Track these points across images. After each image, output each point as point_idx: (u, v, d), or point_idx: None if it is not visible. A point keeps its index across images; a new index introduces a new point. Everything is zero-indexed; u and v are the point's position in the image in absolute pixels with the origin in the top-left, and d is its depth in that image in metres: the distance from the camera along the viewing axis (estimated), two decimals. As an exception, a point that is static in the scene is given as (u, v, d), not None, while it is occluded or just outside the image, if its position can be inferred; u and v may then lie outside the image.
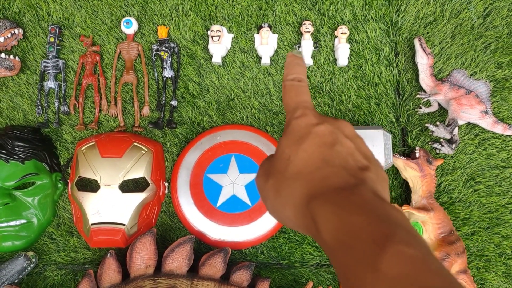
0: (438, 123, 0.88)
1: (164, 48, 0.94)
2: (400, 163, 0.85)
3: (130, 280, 0.78)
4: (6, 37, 0.91)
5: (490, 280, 0.87)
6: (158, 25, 0.97)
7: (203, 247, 0.88)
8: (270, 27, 0.94)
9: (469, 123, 0.92)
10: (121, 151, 0.83)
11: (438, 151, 0.90)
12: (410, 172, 0.85)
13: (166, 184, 0.89)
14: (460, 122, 0.90)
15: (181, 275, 0.77)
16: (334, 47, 0.96)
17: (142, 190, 0.84)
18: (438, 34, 0.97)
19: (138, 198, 0.83)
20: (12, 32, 0.92)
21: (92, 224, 0.81)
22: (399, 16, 0.98)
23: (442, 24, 0.97)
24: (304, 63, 0.35)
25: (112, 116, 0.93)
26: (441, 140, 0.89)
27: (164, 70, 0.93)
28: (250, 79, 0.95)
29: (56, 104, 0.93)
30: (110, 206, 0.81)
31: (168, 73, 0.93)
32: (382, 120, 0.93)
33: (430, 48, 0.95)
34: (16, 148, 0.83)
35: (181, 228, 0.89)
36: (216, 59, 0.92)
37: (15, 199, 0.83)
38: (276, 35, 0.95)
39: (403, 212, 0.26)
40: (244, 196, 0.85)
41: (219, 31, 0.92)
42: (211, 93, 0.94)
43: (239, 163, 0.87)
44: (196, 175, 0.87)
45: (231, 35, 0.95)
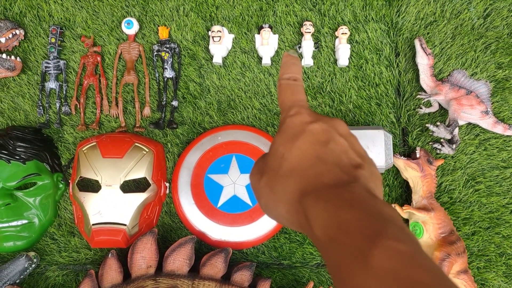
0: (438, 123, 0.88)
1: (165, 49, 0.94)
2: (401, 163, 0.86)
3: (131, 280, 0.78)
4: (7, 37, 0.91)
5: (490, 280, 0.87)
6: (159, 25, 0.97)
7: (204, 247, 0.88)
8: (270, 27, 0.94)
9: (469, 124, 0.92)
10: (122, 152, 0.83)
11: (438, 151, 0.90)
12: (411, 172, 0.85)
13: (167, 184, 0.89)
14: (460, 123, 0.90)
15: (182, 275, 0.78)
16: (334, 47, 0.96)
17: (143, 190, 0.84)
18: (439, 34, 0.97)
19: (139, 198, 0.83)
20: (13, 32, 0.92)
21: (93, 224, 0.81)
22: (399, 16, 0.98)
23: (442, 25, 0.97)
24: (300, 63, 0.35)
25: (113, 116, 0.93)
26: (441, 140, 0.89)
27: (165, 70, 0.94)
28: (251, 80, 0.95)
29: (57, 105, 0.93)
30: (111, 206, 0.81)
31: (169, 73, 0.94)
32: (383, 120, 0.93)
33: (431, 49, 0.95)
34: (17, 149, 0.83)
35: (182, 228, 0.89)
36: (217, 59, 0.93)
37: (16, 200, 0.83)
38: (276, 36, 0.95)
39: (395, 209, 0.26)
40: (245, 196, 0.86)
41: (220, 32, 0.92)
42: (212, 93, 0.94)
43: (240, 163, 0.87)
44: (197, 176, 0.87)
45: (231, 36, 0.96)
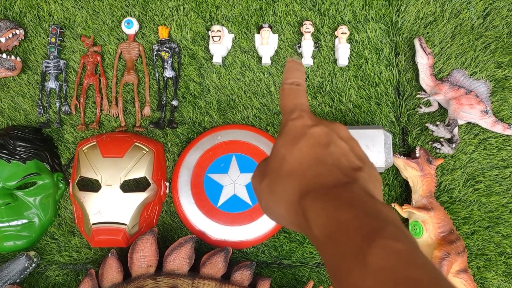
0: (438, 122, 0.88)
1: (165, 48, 0.94)
2: (401, 162, 0.86)
3: (132, 279, 0.78)
4: (7, 37, 0.91)
5: (490, 279, 0.87)
6: (159, 25, 0.97)
7: (204, 246, 0.88)
8: (270, 27, 0.94)
9: (469, 123, 0.92)
10: (122, 151, 0.84)
11: (438, 151, 0.90)
12: (411, 171, 0.85)
13: (167, 184, 0.89)
14: (460, 122, 0.90)
15: (182, 275, 0.78)
16: (334, 47, 0.96)
17: (143, 190, 0.84)
18: (438, 34, 0.97)
19: (139, 198, 0.83)
20: (13, 32, 0.92)
21: (93, 223, 0.81)
22: (399, 16, 0.98)
23: (442, 24, 0.97)
24: (303, 69, 0.36)
25: (113, 116, 0.93)
26: (441, 139, 0.90)
27: (165, 70, 0.94)
28: (251, 79, 0.95)
29: (58, 104, 0.93)
30: (111, 206, 0.82)
31: (169, 73, 0.94)
32: (383, 120, 0.93)
33: (430, 48, 0.95)
34: (17, 148, 0.83)
35: (182, 227, 0.89)
36: (217, 59, 0.93)
37: (16, 199, 0.83)
38: (276, 35, 0.95)
39: (393, 210, 0.27)
40: (245, 196, 0.86)
41: (220, 31, 0.92)
42: (211, 93, 0.94)
43: (240, 163, 0.87)
44: (197, 175, 0.87)
45: (231, 35, 0.96)
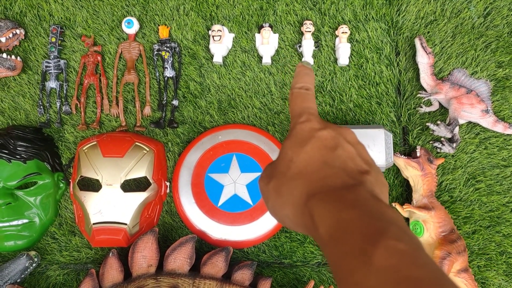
0: (439, 122, 0.88)
1: (165, 48, 0.94)
2: (401, 162, 0.86)
3: (132, 279, 0.78)
4: (7, 37, 0.91)
5: (491, 278, 0.87)
6: (159, 25, 0.97)
7: (204, 246, 0.88)
8: (271, 26, 0.94)
9: (469, 122, 0.92)
10: (122, 151, 0.83)
11: (439, 150, 0.90)
12: (411, 171, 0.85)
13: (168, 183, 0.89)
14: (460, 121, 0.90)
15: (183, 274, 0.78)
16: (335, 46, 0.96)
17: (143, 189, 0.84)
18: (439, 33, 0.97)
19: (139, 197, 0.83)
20: (14, 32, 0.92)
21: (94, 223, 0.81)
22: (399, 15, 0.98)
23: (442, 24, 0.97)
24: (313, 74, 0.37)
25: (114, 116, 0.93)
26: (442, 139, 0.89)
27: (166, 70, 0.94)
28: (251, 79, 0.95)
29: (58, 104, 0.93)
30: (112, 205, 0.82)
31: (169, 72, 0.94)
32: (383, 119, 0.93)
33: (431, 48, 0.95)
34: (18, 148, 0.83)
35: (182, 227, 0.89)
36: (217, 58, 0.93)
37: (17, 199, 0.83)
38: (277, 35, 0.95)
39: (398, 212, 0.27)
40: (245, 196, 0.86)
41: (220, 31, 0.92)
42: (212, 92, 0.94)
43: (241, 162, 0.87)
44: (197, 175, 0.87)
45: (232, 35, 0.96)
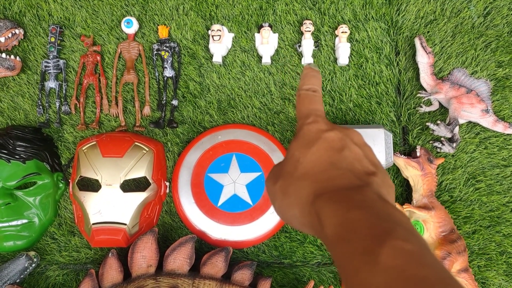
0: (438, 122, 0.88)
1: (164, 48, 0.94)
2: (401, 162, 0.86)
3: (132, 279, 0.78)
4: (6, 37, 0.91)
5: (491, 278, 0.87)
6: (158, 24, 0.97)
7: (204, 246, 0.88)
8: (270, 26, 0.94)
9: (469, 122, 0.92)
10: (122, 151, 0.83)
11: (439, 150, 0.90)
12: (411, 171, 0.85)
13: (167, 183, 0.89)
14: (460, 121, 0.90)
15: (182, 275, 0.78)
16: (334, 46, 0.96)
17: (143, 189, 0.84)
18: (439, 33, 0.97)
19: (139, 197, 0.83)
20: (13, 32, 0.92)
21: (93, 223, 0.81)
22: (399, 15, 0.98)
23: (442, 23, 0.97)
24: (320, 76, 0.37)
25: (113, 115, 0.93)
26: (442, 139, 0.89)
27: (165, 69, 0.94)
28: (251, 79, 0.95)
29: (57, 104, 0.93)
30: (111, 205, 0.81)
31: (169, 72, 0.94)
32: (383, 119, 0.93)
33: (431, 47, 0.95)
34: (17, 148, 0.83)
35: (182, 227, 0.89)
36: (217, 58, 0.92)
37: (16, 199, 0.83)
38: (276, 35, 0.95)
39: (404, 213, 0.27)
40: (245, 196, 0.86)
41: (220, 31, 0.92)
42: (212, 92, 0.94)
43: (240, 162, 0.87)
44: (197, 175, 0.87)
45: (231, 35, 0.95)
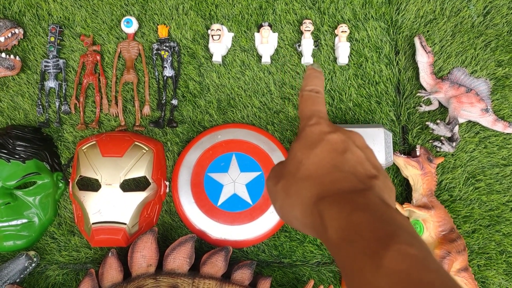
0: (438, 121, 0.88)
1: (164, 47, 0.94)
2: (401, 161, 0.86)
3: (132, 279, 0.78)
4: (6, 36, 0.91)
5: (491, 278, 0.87)
6: (158, 24, 0.97)
7: (204, 246, 0.88)
8: (270, 26, 0.94)
9: (469, 121, 0.92)
10: (122, 150, 0.83)
11: (438, 149, 0.90)
12: (411, 170, 0.85)
13: (167, 183, 0.89)
14: (460, 120, 0.90)
15: (182, 274, 0.78)
16: (334, 45, 0.96)
17: (143, 189, 0.84)
18: (438, 32, 0.97)
19: (139, 197, 0.83)
20: (13, 31, 0.92)
21: (93, 223, 0.81)
22: (399, 14, 0.98)
23: (442, 23, 0.97)
24: (322, 77, 0.37)
25: (113, 115, 0.93)
26: (441, 138, 0.89)
27: (165, 69, 0.94)
28: (251, 78, 0.95)
29: (57, 104, 0.93)
30: (111, 205, 0.81)
31: (168, 72, 0.94)
32: (383, 119, 0.93)
33: (430, 47, 0.95)
34: (17, 148, 0.83)
35: (182, 227, 0.89)
36: (217, 58, 0.92)
37: (16, 199, 0.83)
38: (276, 34, 0.95)
39: (407, 218, 0.27)
40: (245, 195, 0.86)
41: (220, 30, 0.92)
42: (211, 92, 0.94)
43: (240, 162, 0.87)
44: (197, 174, 0.87)
45: (231, 34, 0.95)
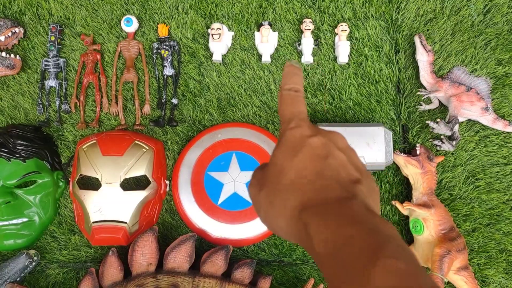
0: (438, 120, 0.88)
1: (164, 47, 0.94)
2: (401, 160, 0.86)
3: (132, 277, 0.78)
4: (7, 36, 0.91)
5: (491, 276, 0.87)
6: (158, 23, 0.97)
7: (204, 244, 0.88)
8: (270, 25, 0.94)
9: (469, 120, 0.92)
10: (122, 149, 0.83)
11: (438, 148, 0.90)
12: (411, 169, 0.85)
13: (167, 182, 0.89)
14: (460, 119, 0.90)
15: (182, 273, 0.78)
16: (334, 44, 0.96)
17: (143, 188, 0.84)
18: (438, 31, 0.97)
19: (139, 196, 0.83)
20: (13, 31, 0.92)
21: (93, 222, 0.81)
22: (399, 13, 0.98)
23: (442, 21, 0.97)
24: (301, 74, 0.36)
25: (113, 114, 0.93)
26: (441, 137, 0.89)
27: (165, 68, 0.94)
28: (251, 77, 0.95)
29: (57, 103, 0.93)
30: (111, 204, 0.81)
31: (168, 71, 0.94)
32: (383, 117, 0.93)
33: (430, 45, 0.95)
34: (17, 147, 0.83)
35: (182, 226, 0.89)
36: (217, 57, 0.92)
37: (16, 198, 0.83)
38: (276, 33, 0.95)
39: (393, 226, 0.27)
40: (245, 194, 0.86)
41: (220, 29, 0.92)
42: (211, 91, 0.94)
43: (240, 161, 0.87)
44: (197, 173, 0.87)
45: (231, 33, 0.95)
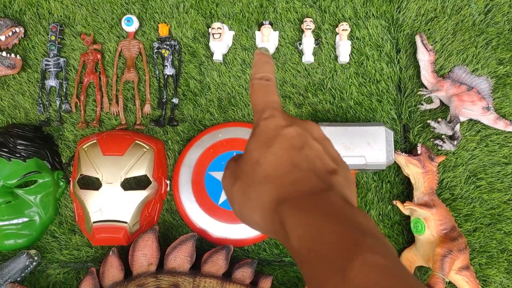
0: (439, 119, 0.88)
1: (165, 46, 0.94)
2: (402, 159, 0.85)
3: (133, 277, 0.78)
4: (7, 35, 0.91)
5: (492, 276, 0.87)
6: (159, 23, 0.96)
7: (205, 244, 0.88)
8: (271, 24, 0.94)
9: (470, 120, 0.92)
10: (122, 149, 0.83)
11: (440, 148, 0.90)
12: (412, 168, 0.85)
13: (168, 182, 0.89)
14: (461, 119, 0.90)
15: (183, 273, 0.78)
16: (335, 44, 0.96)
17: (144, 188, 0.84)
18: (439, 30, 0.96)
19: (140, 196, 0.83)
20: (13, 30, 0.92)
21: (94, 222, 0.81)
22: (400, 12, 0.97)
23: (443, 21, 0.97)
24: (272, 62, 0.35)
25: (114, 114, 0.93)
26: (442, 136, 0.89)
27: (165, 68, 0.93)
28: (251, 77, 0.94)
29: (58, 103, 0.93)
30: (112, 204, 0.81)
31: (169, 71, 0.93)
32: (384, 117, 0.93)
33: (432, 45, 0.95)
34: (18, 147, 0.83)
35: (183, 225, 0.89)
36: (217, 56, 0.92)
37: (17, 198, 0.83)
38: (277, 32, 0.95)
39: (370, 218, 0.26)
40: (246, 194, 0.85)
41: (220, 29, 0.91)
42: (212, 90, 0.94)
43: (241, 160, 0.87)
44: (197, 173, 0.87)
45: (232, 33, 0.95)
